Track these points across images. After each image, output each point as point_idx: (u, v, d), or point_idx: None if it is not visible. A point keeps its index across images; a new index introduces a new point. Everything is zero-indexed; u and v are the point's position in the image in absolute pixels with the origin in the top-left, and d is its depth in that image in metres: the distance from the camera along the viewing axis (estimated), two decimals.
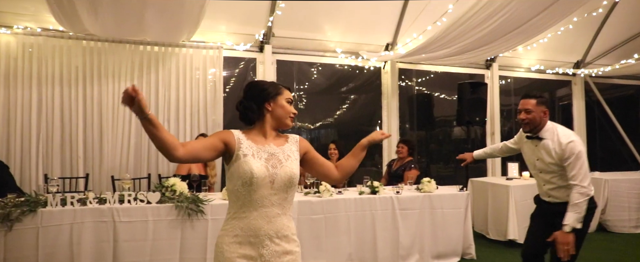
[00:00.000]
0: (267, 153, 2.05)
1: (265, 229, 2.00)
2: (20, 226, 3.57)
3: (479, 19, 4.99)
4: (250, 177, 1.97)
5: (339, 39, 6.72)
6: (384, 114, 7.19)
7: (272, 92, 2.13)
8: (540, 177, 3.28)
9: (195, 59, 5.82)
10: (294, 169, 2.07)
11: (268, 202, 2.01)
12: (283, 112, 2.13)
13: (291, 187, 2.07)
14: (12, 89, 5.14)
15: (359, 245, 4.56)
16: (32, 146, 5.17)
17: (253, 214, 2.00)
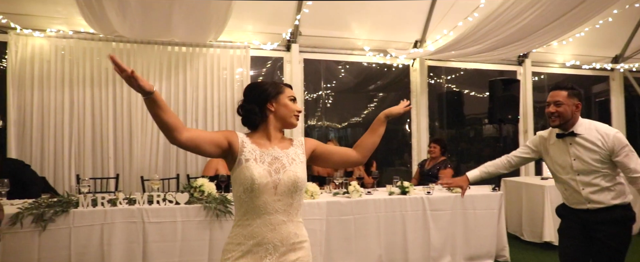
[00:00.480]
0: (270, 157, 1.97)
1: (269, 238, 1.91)
2: (53, 226, 3.61)
3: (512, 13, 4.83)
4: (252, 183, 1.89)
5: (367, 37, 6.63)
6: (413, 112, 7.06)
7: (273, 92, 2.04)
8: (577, 181, 2.87)
9: (222, 59, 5.82)
10: (298, 173, 1.97)
11: (271, 209, 1.92)
12: (287, 111, 2.05)
13: (296, 192, 1.97)
14: (46, 91, 5.24)
15: (389, 247, 4.47)
16: (65, 146, 5.26)
17: (256, 221, 1.92)
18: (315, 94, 6.84)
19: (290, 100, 2.07)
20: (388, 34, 6.68)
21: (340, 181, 4.75)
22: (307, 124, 6.67)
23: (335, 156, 2.18)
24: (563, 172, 2.95)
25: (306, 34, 6.26)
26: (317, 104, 6.86)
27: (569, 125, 2.90)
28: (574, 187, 2.90)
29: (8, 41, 5.17)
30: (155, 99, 1.75)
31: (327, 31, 6.38)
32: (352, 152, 2.19)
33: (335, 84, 6.95)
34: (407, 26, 6.67)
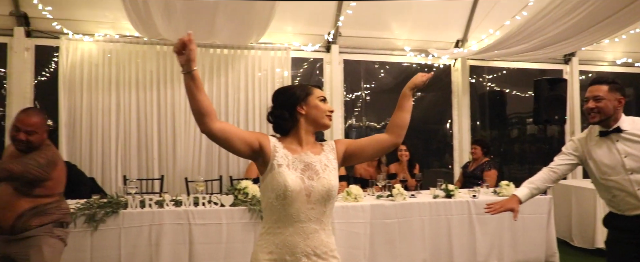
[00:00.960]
0: (303, 163, 1.91)
1: (302, 247, 1.85)
2: (104, 227, 3.71)
3: (561, 11, 4.65)
4: (284, 190, 1.83)
5: (407, 37, 6.54)
6: (454, 113, 6.93)
7: (302, 95, 1.98)
8: (632, 181, 2.56)
9: (263, 60, 5.86)
10: (332, 181, 1.91)
11: (305, 217, 1.86)
12: (318, 112, 1.97)
13: (329, 200, 1.91)
14: (94, 94, 5.39)
15: (433, 251, 4.39)
16: (112, 148, 5.40)
17: (289, 229, 1.86)
18: (355, 94, 6.80)
19: (320, 100, 2.00)
20: (429, 34, 6.57)
21: (383, 183, 4.69)
22: (347, 124, 6.63)
23: (369, 147, 2.08)
24: (613, 173, 2.64)
25: (346, 34, 6.22)
26: (356, 104, 6.81)
27: (612, 122, 2.65)
28: (627, 189, 2.59)
29: (60, 46, 5.34)
30: (195, 76, 1.72)
31: (367, 32, 6.32)
32: (384, 136, 2.08)
33: (375, 84, 6.89)
34: (449, 25, 6.55)
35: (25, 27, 5.35)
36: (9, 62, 5.42)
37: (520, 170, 7.69)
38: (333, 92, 6.24)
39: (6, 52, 5.43)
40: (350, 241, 4.14)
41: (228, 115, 5.71)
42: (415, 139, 6.90)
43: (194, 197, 3.98)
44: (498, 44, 5.61)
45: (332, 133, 6.17)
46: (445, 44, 6.72)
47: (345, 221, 4.14)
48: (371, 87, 6.87)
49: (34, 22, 5.41)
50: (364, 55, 6.56)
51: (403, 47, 6.56)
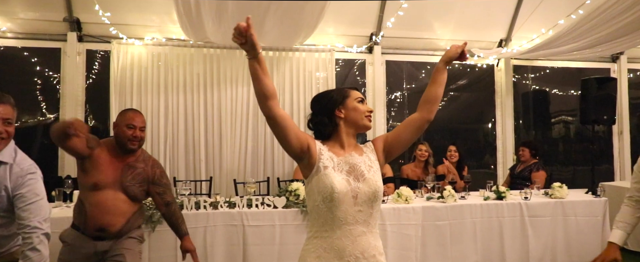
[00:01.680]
0: (348, 165, 1.90)
1: (350, 250, 1.83)
2: (160, 228, 3.76)
3: (616, 10, 4.52)
4: (331, 193, 1.82)
5: (449, 37, 6.47)
6: (497, 113, 6.83)
7: (339, 98, 1.99)
8: None
9: (307, 62, 5.90)
10: (378, 182, 1.89)
11: (352, 220, 1.84)
12: (357, 114, 1.96)
13: (376, 201, 1.89)
14: (143, 97, 5.52)
15: (485, 253, 4.33)
16: (160, 149, 5.52)
17: (336, 232, 1.84)
18: (396, 94, 6.76)
19: (358, 102, 1.99)
20: (471, 34, 6.49)
21: (431, 184, 4.66)
22: (390, 124, 6.61)
23: (404, 132, 2.03)
24: None
25: (388, 35, 6.20)
26: (398, 104, 6.78)
27: None
28: None
29: (111, 50, 5.49)
30: (261, 60, 1.76)
31: (409, 32, 6.28)
32: (415, 115, 2.03)
33: (417, 85, 6.84)
34: (492, 25, 6.47)
35: (77, 32, 5.50)
36: (62, 66, 5.60)
37: (564, 171, 7.52)
38: (375, 93, 6.24)
39: (60, 57, 5.60)
40: (401, 242, 4.12)
41: None
42: (457, 138, 6.82)
43: (247, 199, 4.02)
44: (548, 43, 5.51)
45: (375, 134, 6.14)
46: (487, 43, 6.64)
47: (397, 223, 4.12)
48: (413, 88, 6.83)
49: (85, 27, 5.56)
50: (406, 56, 6.53)
51: (445, 47, 6.46)
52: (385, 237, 4.06)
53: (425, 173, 5.17)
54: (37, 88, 5.81)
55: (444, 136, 7.01)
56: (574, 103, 7.35)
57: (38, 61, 5.76)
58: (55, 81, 5.73)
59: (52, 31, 5.54)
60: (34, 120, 5.96)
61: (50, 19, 5.47)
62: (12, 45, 5.59)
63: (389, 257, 4.04)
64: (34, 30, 5.54)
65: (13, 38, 5.50)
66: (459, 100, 7.22)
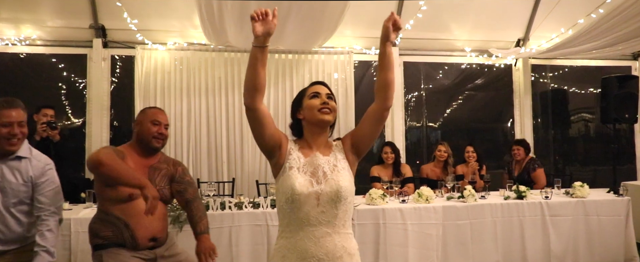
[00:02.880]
0: (313, 166, 1.89)
1: (313, 251, 1.81)
2: (188, 228, 3.83)
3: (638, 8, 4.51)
4: (292, 194, 1.82)
5: (467, 37, 6.50)
6: (516, 113, 6.82)
7: (298, 99, 2.02)
8: None
9: (326, 64, 5.97)
10: (340, 182, 1.85)
11: (315, 221, 1.82)
12: (310, 112, 1.94)
13: (340, 202, 1.85)
14: (167, 100, 5.64)
15: (506, 252, 4.35)
16: (184, 152, 5.63)
17: (299, 234, 1.84)
18: (413, 95, 6.79)
19: (311, 97, 1.96)
20: (489, 34, 6.50)
21: (451, 184, 4.69)
22: (408, 125, 6.65)
23: (365, 125, 1.97)
24: None
25: (405, 36, 6.23)
26: (415, 105, 6.81)
27: None
28: None
29: (135, 55, 5.63)
30: (265, 51, 1.78)
31: (426, 33, 6.30)
32: (372, 105, 1.96)
33: (434, 86, 6.88)
34: (509, 25, 6.46)
35: (102, 38, 5.66)
36: (88, 72, 5.75)
37: (584, 171, 7.48)
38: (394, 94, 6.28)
39: (86, 63, 5.76)
40: (422, 242, 4.17)
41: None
42: (474, 138, 6.83)
43: (271, 199, 4.11)
44: (567, 42, 5.50)
45: (393, 134, 6.21)
46: (505, 43, 6.63)
47: (418, 222, 4.17)
48: (430, 88, 6.86)
49: (110, 34, 5.71)
50: (423, 57, 6.57)
51: (463, 47, 6.52)
52: (406, 236, 4.11)
53: (445, 173, 5.20)
54: (64, 93, 5.99)
55: (462, 136, 7.04)
56: (593, 101, 7.32)
57: (65, 67, 5.93)
58: (81, 86, 5.90)
59: (78, 38, 5.70)
60: (61, 124, 6.12)
61: (76, 26, 5.62)
62: (40, 53, 5.76)
63: (410, 256, 4.10)
64: (61, 38, 5.70)
65: (42, 45, 5.67)
66: (476, 100, 7.23)
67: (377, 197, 4.20)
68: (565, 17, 5.92)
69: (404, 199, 4.30)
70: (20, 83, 5.93)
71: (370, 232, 4.08)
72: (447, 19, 6.27)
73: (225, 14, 4.42)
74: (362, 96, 6.30)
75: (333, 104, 1.96)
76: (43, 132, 4.38)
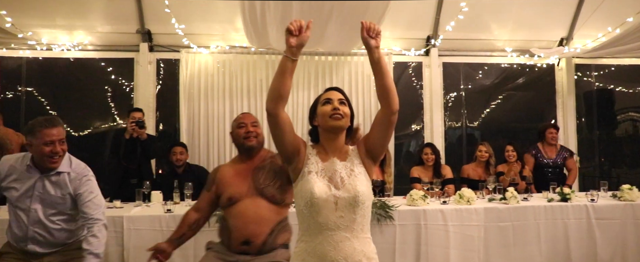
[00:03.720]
0: (330, 171, 1.93)
1: (332, 256, 1.84)
2: None
3: None
4: (311, 198, 1.86)
5: (507, 37, 6.42)
6: (558, 113, 6.69)
7: (313, 107, 2.07)
8: None
9: (366, 66, 6.01)
10: (358, 187, 1.89)
11: (333, 225, 1.86)
12: (323, 118, 1.98)
13: (358, 207, 1.88)
14: (210, 102, 5.83)
15: (550, 256, 4.28)
16: (227, 152, 5.79)
17: (318, 238, 1.87)
18: (453, 95, 6.75)
19: (323, 104, 2.01)
20: (530, 33, 6.41)
21: (493, 185, 4.66)
22: (447, 126, 6.62)
23: (375, 131, 2.00)
24: None
25: (445, 37, 6.21)
26: (455, 105, 6.77)
27: None
28: None
29: (180, 58, 5.83)
30: (295, 63, 1.87)
31: (466, 33, 6.26)
32: (378, 112, 2.00)
33: (474, 85, 6.81)
34: (552, 24, 6.34)
35: (148, 42, 5.87)
36: (135, 75, 5.99)
37: (632, 173, 7.24)
38: (432, 95, 6.30)
39: (133, 66, 5.99)
40: (464, 243, 4.15)
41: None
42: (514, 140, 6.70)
43: None
44: (615, 41, 5.37)
45: (432, 135, 6.21)
46: (547, 42, 6.52)
47: (459, 224, 4.16)
48: (470, 88, 6.80)
49: (155, 38, 5.93)
50: (463, 58, 6.53)
51: (504, 47, 6.45)
52: (447, 238, 4.11)
53: (487, 173, 5.16)
54: (112, 96, 6.24)
55: (502, 137, 6.91)
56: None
57: (113, 71, 6.18)
58: (128, 89, 6.13)
59: (126, 42, 5.93)
60: (107, 125, 6.38)
61: (124, 32, 5.86)
62: (90, 57, 6.03)
63: (452, 258, 4.10)
64: (109, 42, 5.95)
65: (92, 50, 5.94)
66: (516, 101, 7.10)
67: (418, 198, 4.22)
68: (611, 15, 5.78)
69: (445, 201, 4.30)
70: (73, 87, 6.21)
71: (411, 232, 4.09)
72: (487, 19, 6.22)
73: (268, 16, 4.52)
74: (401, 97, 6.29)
75: (345, 110, 2.00)
76: (132, 131, 4.74)
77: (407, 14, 5.94)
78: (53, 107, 6.07)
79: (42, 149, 2.62)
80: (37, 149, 2.63)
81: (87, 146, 6.23)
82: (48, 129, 2.61)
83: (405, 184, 5.41)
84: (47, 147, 2.62)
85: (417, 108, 6.51)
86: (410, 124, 6.70)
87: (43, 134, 2.60)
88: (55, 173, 2.71)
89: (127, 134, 4.82)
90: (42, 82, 6.10)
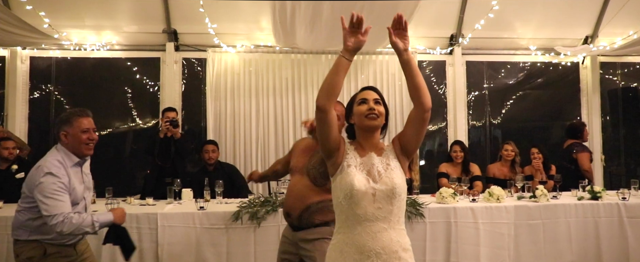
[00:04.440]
0: (368, 165, 2.01)
1: (371, 245, 1.92)
2: (265, 224, 4.02)
3: None
4: (351, 190, 1.94)
5: (531, 35, 6.41)
6: (583, 112, 6.67)
7: (349, 106, 2.16)
8: None
9: (390, 65, 6.07)
10: (394, 180, 1.97)
11: (372, 216, 1.93)
12: (359, 118, 2.07)
13: (395, 198, 1.96)
14: (236, 101, 5.91)
15: (581, 254, 4.27)
16: (253, 150, 5.88)
17: (357, 229, 1.94)
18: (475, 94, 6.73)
19: (359, 104, 2.09)
20: (554, 31, 6.39)
21: (521, 184, 4.65)
22: (470, 124, 6.61)
23: (408, 129, 2.07)
24: None
25: (468, 36, 6.20)
26: (479, 104, 6.75)
27: None
28: None
29: (207, 58, 5.91)
30: (349, 65, 1.97)
31: (489, 32, 6.24)
32: (412, 111, 2.06)
33: (497, 84, 6.79)
34: (577, 22, 6.32)
35: (174, 42, 5.95)
36: (161, 74, 6.07)
37: None
38: (456, 94, 6.31)
39: (159, 66, 6.08)
40: (494, 241, 4.16)
41: None
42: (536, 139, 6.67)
43: None
44: None
45: (456, 133, 6.21)
46: (572, 40, 6.50)
47: (489, 221, 4.16)
48: (492, 87, 6.78)
49: (182, 38, 6.00)
50: (487, 56, 6.54)
51: (528, 45, 6.43)
52: (478, 235, 4.12)
53: (513, 172, 5.15)
54: (138, 94, 6.32)
55: (526, 135, 6.88)
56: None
57: (139, 70, 6.26)
58: (155, 88, 6.21)
59: (152, 42, 6.02)
60: (133, 124, 6.45)
61: (150, 31, 5.94)
62: (117, 57, 6.12)
63: (482, 255, 4.11)
64: (136, 42, 6.04)
65: (119, 50, 6.04)
66: (540, 99, 7.07)
67: (448, 196, 4.23)
68: (638, 12, 5.73)
69: (474, 198, 4.31)
70: (100, 85, 6.30)
71: (441, 230, 4.11)
72: (511, 17, 6.20)
73: (297, 16, 4.56)
74: None
75: (380, 109, 2.08)
76: (167, 130, 4.84)
77: (430, 13, 5.95)
78: (81, 105, 6.13)
79: (80, 137, 2.75)
80: (74, 137, 2.75)
81: (110, 143, 6.31)
82: (84, 118, 2.77)
83: (428, 183, 5.43)
84: (84, 134, 2.76)
85: (439, 107, 6.53)
86: (433, 123, 6.71)
87: (79, 123, 2.75)
88: (86, 159, 2.88)
89: (161, 134, 4.90)
90: (70, 81, 6.21)
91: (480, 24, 5.79)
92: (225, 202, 4.30)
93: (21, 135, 5.61)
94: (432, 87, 6.54)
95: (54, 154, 2.75)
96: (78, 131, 2.73)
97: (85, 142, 2.75)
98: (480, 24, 5.79)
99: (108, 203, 3.96)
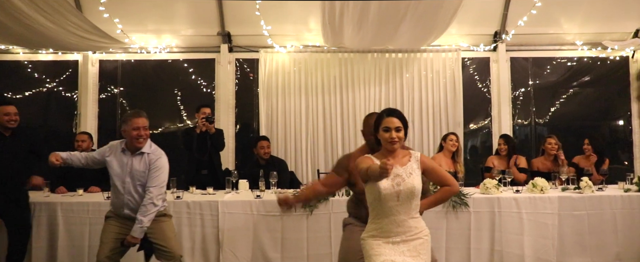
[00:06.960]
0: (393, 174, 2.39)
1: (396, 231, 2.48)
2: (317, 212, 4.28)
3: None
4: (379, 195, 2.42)
5: (577, 31, 6.38)
6: (633, 106, 6.57)
7: (376, 124, 2.57)
8: None
9: (435, 62, 6.25)
10: (415, 184, 2.46)
11: (396, 211, 2.46)
12: (384, 142, 2.51)
13: (414, 198, 2.47)
14: (287, 99, 6.25)
15: (627, 245, 4.31)
16: (302, 146, 6.19)
17: (385, 220, 2.48)
18: (521, 91, 6.77)
19: (384, 130, 2.51)
20: (601, 26, 6.33)
21: (566, 176, 4.72)
22: (515, 121, 6.67)
23: (432, 178, 2.70)
24: None
25: (512, 32, 6.26)
26: (524, 101, 6.79)
27: None
28: None
29: (259, 58, 6.28)
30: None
31: (534, 28, 6.27)
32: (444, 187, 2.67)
33: (542, 80, 6.79)
34: (625, 15, 6.23)
35: (228, 44, 6.33)
36: (216, 74, 6.46)
37: None
38: (500, 90, 6.39)
39: (214, 67, 6.48)
40: (538, 230, 4.26)
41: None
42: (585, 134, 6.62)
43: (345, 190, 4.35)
44: None
45: (500, 130, 6.27)
46: (620, 35, 6.41)
47: (533, 212, 4.27)
48: (537, 83, 6.79)
49: (235, 39, 6.37)
50: (531, 53, 6.58)
51: (574, 41, 6.42)
52: (521, 225, 4.24)
53: (556, 165, 5.20)
54: (195, 94, 6.73)
55: (572, 133, 6.84)
56: None
57: (195, 71, 6.68)
58: (209, 88, 6.61)
59: (208, 44, 6.42)
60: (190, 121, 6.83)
61: (206, 34, 6.33)
62: (175, 58, 6.57)
63: (525, 244, 4.24)
64: (192, 45, 6.46)
65: (178, 52, 6.48)
66: (587, 95, 6.99)
67: (491, 187, 4.38)
68: None
69: (518, 190, 4.43)
70: (160, 86, 6.77)
71: (485, 219, 4.26)
72: (556, 12, 6.21)
73: (346, 15, 4.81)
74: (469, 92, 6.44)
75: (400, 135, 2.52)
76: (202, 126, 5.18)
77: (474, 10, 6.05)
78: (143, 104, 6.62)
79: (131, 133, 3.46)
80: (128, 133, 3.47)
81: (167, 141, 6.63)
82: (136, 118, 3.48)
83: (472, 179, 5.55)
84: (135, 131, 3.46)
85: (484, 103, 6.62)
86: (477, 119, 6.80)
87: (132, 122, 3.46)
88: (139, 153, 3.52)
89: (198, 129, 5.23)
90: (134, 82, 6.72)
91: (524, 20, 5.84)
92: (279, 192, 4.58)
93: (91, 132, 6.11)
94: (475, 84, 6.65)
95: (116, 141, 3.64)
96: (130, 128, 3.45)
97: (135, 137, 3.46)
98: (523, 20, 5.84)
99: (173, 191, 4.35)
